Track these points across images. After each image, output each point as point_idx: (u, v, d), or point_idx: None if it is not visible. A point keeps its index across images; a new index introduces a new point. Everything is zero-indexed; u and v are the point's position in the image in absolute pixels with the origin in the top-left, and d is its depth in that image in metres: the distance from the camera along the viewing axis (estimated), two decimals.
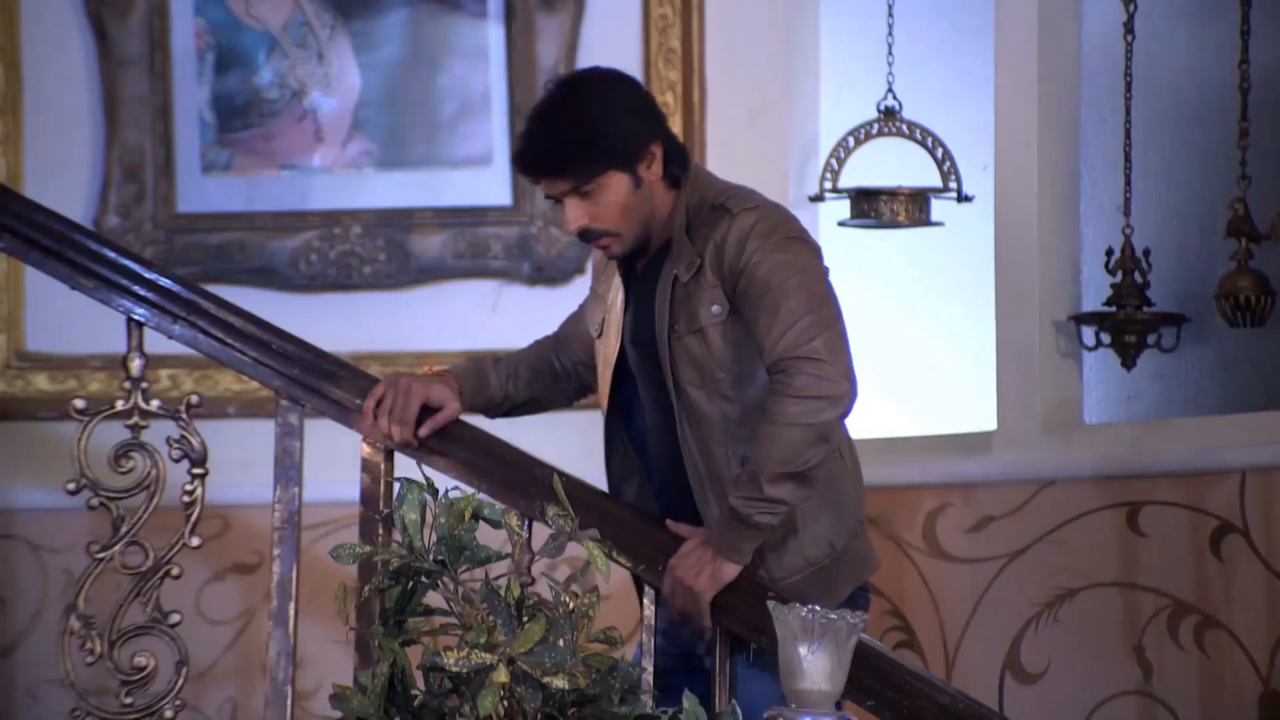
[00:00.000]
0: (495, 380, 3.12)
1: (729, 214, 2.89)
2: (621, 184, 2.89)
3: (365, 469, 3.08)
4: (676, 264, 2.92)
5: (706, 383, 2.92)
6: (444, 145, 4.40)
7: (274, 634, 3.04)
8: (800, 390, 2.84)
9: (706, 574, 2.92)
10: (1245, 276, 4.20)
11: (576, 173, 2.87)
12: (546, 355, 3.18)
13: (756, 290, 2.87)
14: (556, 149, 2.86)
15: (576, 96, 2.90)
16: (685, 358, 2.92)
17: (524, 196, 4.39)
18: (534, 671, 2.49)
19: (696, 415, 2.94)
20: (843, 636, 2.60)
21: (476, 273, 4.42)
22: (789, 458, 2.86)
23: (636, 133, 2.89)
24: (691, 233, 2.91)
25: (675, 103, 4.31)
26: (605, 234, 2.91)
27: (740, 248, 2.87)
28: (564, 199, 2.89)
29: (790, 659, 2.59)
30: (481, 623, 2.52)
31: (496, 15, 4.37)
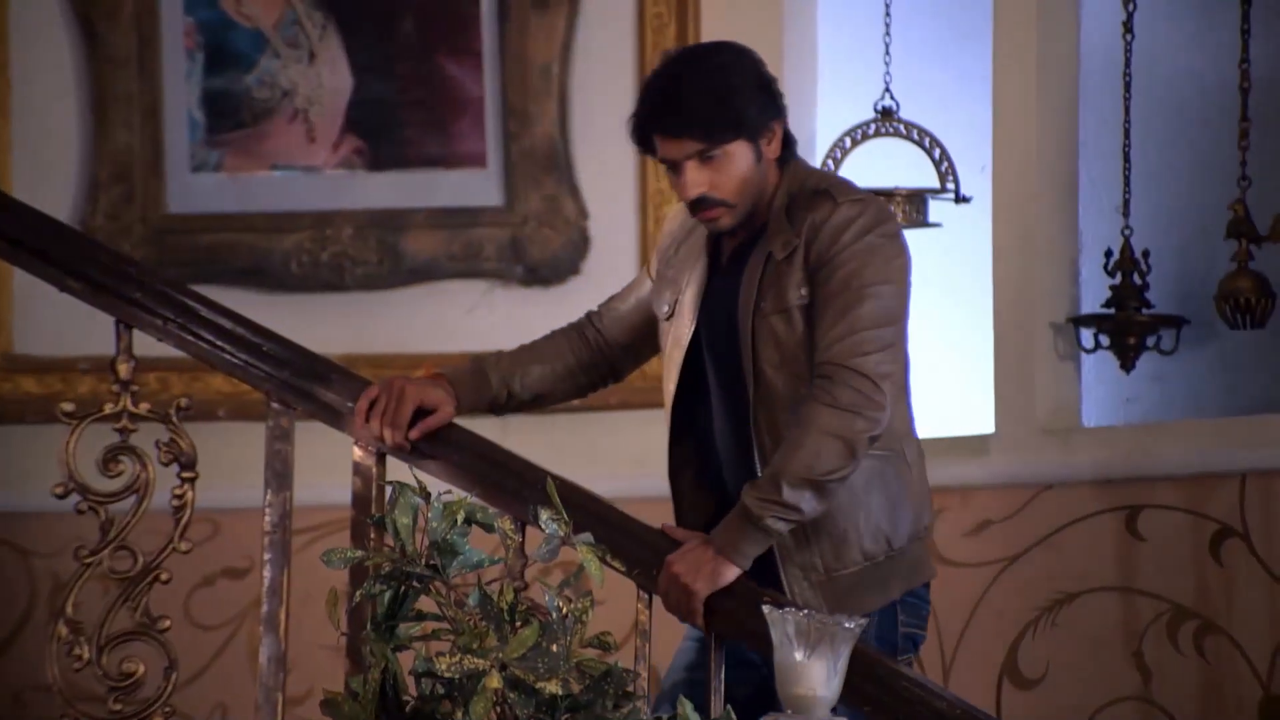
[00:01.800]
0: (496, 379, 3.09)
1: (832, 201, 2.88)
2: (746, 155, 2.88)
3: (357, 472, 3.05)
4: (772, 243, 2.90)
5: (785, 364, 2.90)
6: (436, 145, 4.37)
7: (264, 639, 3.02)
8: (841, 402, 2.83)
9: (705, 573, 2.89)
10: (1245, 278, 4.18)
11: (709, 136, 2.85)
12: (560, 348, 3.14)
13: (835, 285, 2.85)
14: (694, 109, 2.84)
15: (714, 62, 2.89)
16: (767, 337, 2.90)
17: (517, 197, 4.37)
18: (527, 677, 2.48)
19: (772, 397, 2.90)
20: (839, 642, 2.58)
21: (469, 274, 4.40)
22: (815, 465, 2.83)
23: (765, 108, 2.89)
24: (790, 216, 2.90)
25: None
26: (720, 205, 2.89)
27: (835, 237, 2.86)
28: (684, 164, 2.87)
29: (786, 664, 2.57)
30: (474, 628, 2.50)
31: (490, 15, 4.34)
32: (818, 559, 2.93)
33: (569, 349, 3.13)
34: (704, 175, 2.87)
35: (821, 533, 2.92)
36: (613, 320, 3.13)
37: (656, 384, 4.34)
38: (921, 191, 4.31)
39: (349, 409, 3.05)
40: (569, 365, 3.12)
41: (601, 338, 3.12)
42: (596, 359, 3.13)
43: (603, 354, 3.13)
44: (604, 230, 4.38)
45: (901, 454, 2.96)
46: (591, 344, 3.13)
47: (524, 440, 3.64)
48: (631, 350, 3.13)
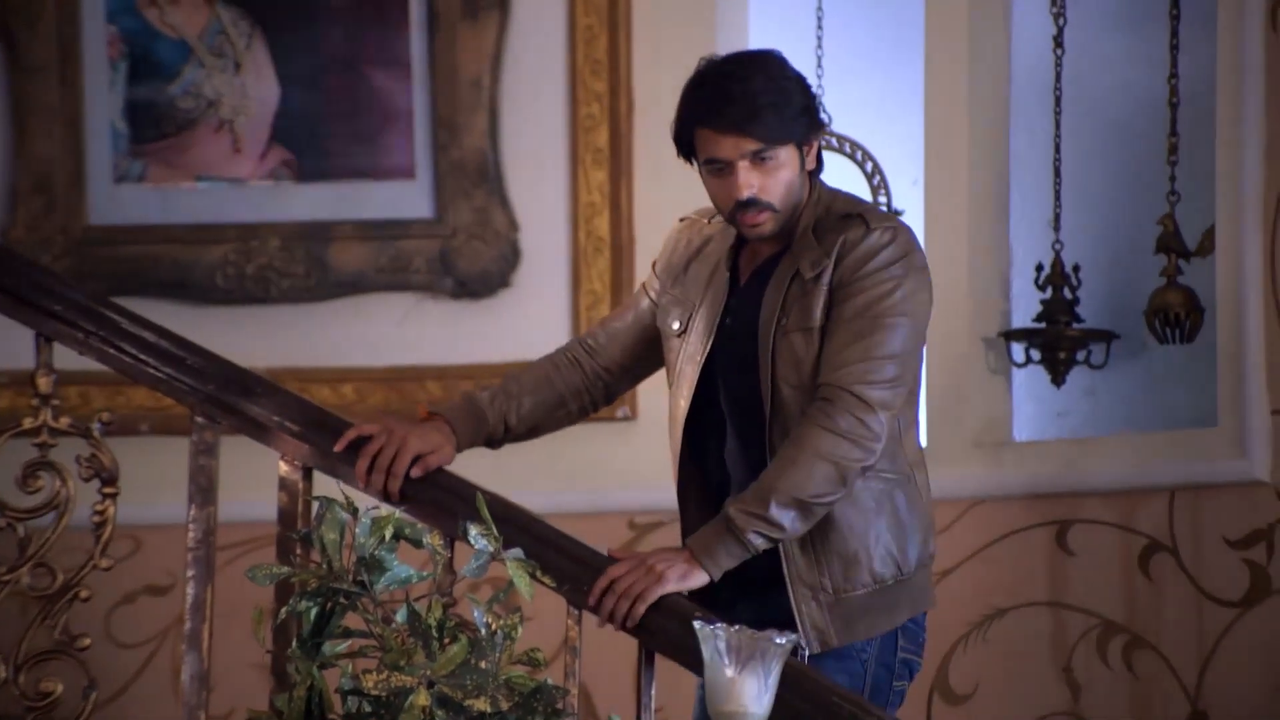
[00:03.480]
0: (492, 416, 3.04)
1: (865, 225, 2.87)
2: (794, 161, 2.87)
3: (283, 487, 3.01)
4: (800, 260, 2.88)
5: (804, 384, 2.87)
6: (365, 157, 4.34)
7: (187, 657, 2.97)
8: (839, 427, 2.81)
9: (676, 569, 2.84)
10: (1174, 293, 4.20)
11: (766, 135, 2.83)
12: (550, 377, 3.08)
13: (853, 309, 2.84)
14: (755, 108, 2.82)
15: (772, 65, 2.88)
16: (787, 355, 2.87)
17: (446, 209, 4.34)
18: (455, 695, 2.45)
19: (787, 417, 2.88)
20: (770, 658, 2.56)
21: (398, 286, 4.36)
22: (806, 487, 2.81)
23: (814, 117, 2.89)
24: (819, 236, 2.89)
25: (601, 114, 4.27)
26: (767, 208, 2.86)
27: (862, 261, 2.85)
28: (737, 164, 2.84)
29: (716, 680, 2.55)
30: (401, 645, 2.47)
31: (419, 25, 4.31)
32: (827, 580, 2.89)
33: (560, 377, 3.07)
34: (755, 177, 2.84)
35: (832, 553, 2.89)
36: (609, 341, 3.08)
37: None
38: None
39: (276, 423, 3.01)
40: (560, 394, 3.07)
41: (595, 361, 3.08)
42: (589, 383, 3.08)
43: (597, 377, 3.08)
44: (534, 243, 4.35)
45: (912, 478, 2.94)
46: (584, 369, 3.08)
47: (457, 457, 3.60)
48: (628, 371, 3.08)
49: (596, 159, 4.28)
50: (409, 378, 4.33)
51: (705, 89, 2.86)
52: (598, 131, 4.26)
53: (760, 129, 2.82)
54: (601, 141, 4.27)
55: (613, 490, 4.25)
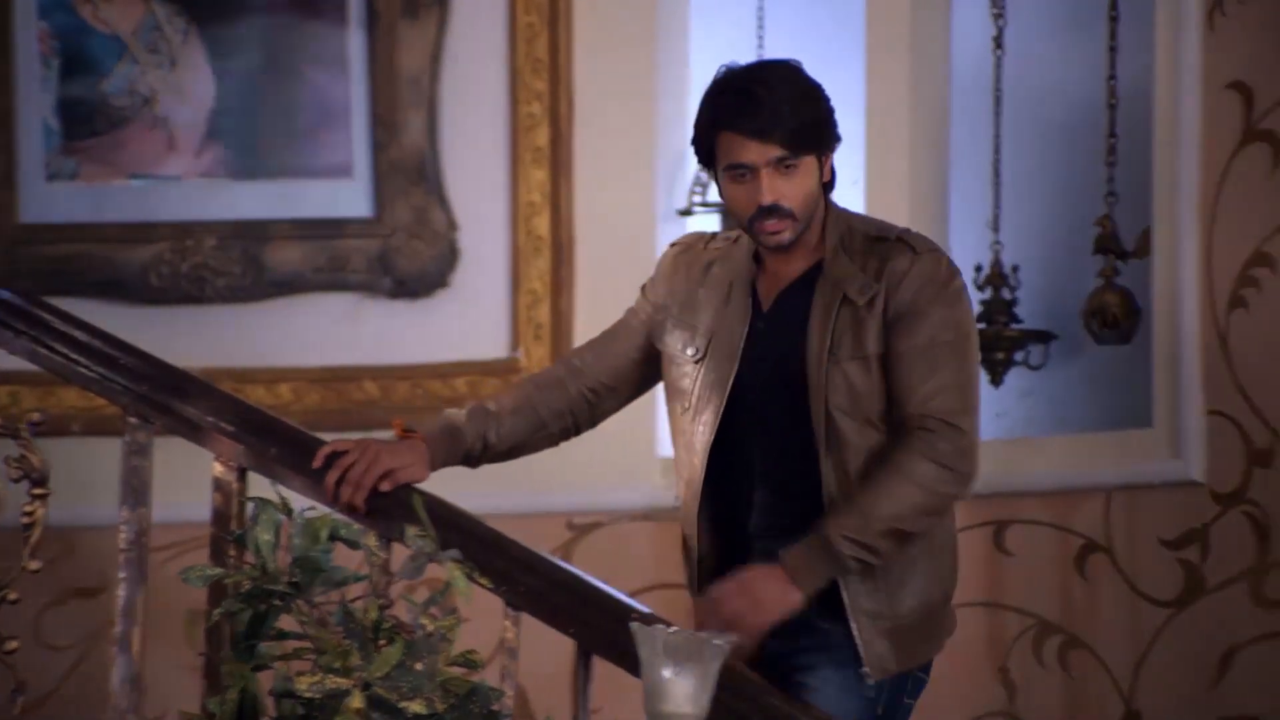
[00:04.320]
0: (469, 434, 3.01)
1: (911, 250, 2.87)
2: (814, 172, 2.86)
3: (217, 488, 2.99)
4: (843, 284, 2.87)
5: (857, 411, 2.86)
6: (302, 155, 4.30)
7: (118, 660, 2.95)
8: (942, 457, 2.82)
9: (776, 598, 2.83)
10: (1112, 294, 4.22)
11: (794, 142, 2.82)
12: (535, 398, 3.05)
13: (921, 338, 2.85)
14: (785, 114, 2.81)
15: (799, 74, 2.87)
16: (839, 383, 2.86)
17: (385, 208, 4.31)
18: (390, 697, 2.43)
19: (840, 444, 2.86)
20: (708, 659, 2.55)
21: (335, 286, 4.33)
22: (906, 516, 2.82)
23: (834, 130, 2.88)
24: (852, 258, 2.88)
25: (542, 113, 4.25)
26: (787, 217, 2.85)
27: (920, 289, 2.86)
28: (762, 170, 2.83)
29: (654, 681, 2.54)
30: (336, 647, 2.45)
31: (358, 22, 4.28)
32: (885, 607, 2.89)
33: (542, 398, 3.05)
34: (778, 184, 2.83)
35: (891, 580, 2.89)
36: (596, 363, 3.04)
37: None
38: None
39: (210, 424, 2.99)
40: (541, 415, 3.04)
41: (580, 383, 3.05)
42: (573, 405, 3.06)
43: (582, 399, 3.05)
44: (473, 242, 4.33)
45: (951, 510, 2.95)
46: (569, 390, 3.05)
47: None
48: (615, 393, 3.06)
49: (536, 158, 4.26)
50: (346, 378, 4.30)
51: (731, 93, 2.84)
52: (538, 131, 4.25)
53: (787, 136, 2.80)
54: (542, 141, 4.25)
55: (551, 491, 4.24)
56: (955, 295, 2.87)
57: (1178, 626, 4.09)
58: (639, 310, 3.05)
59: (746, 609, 2.84)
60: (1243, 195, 3.87)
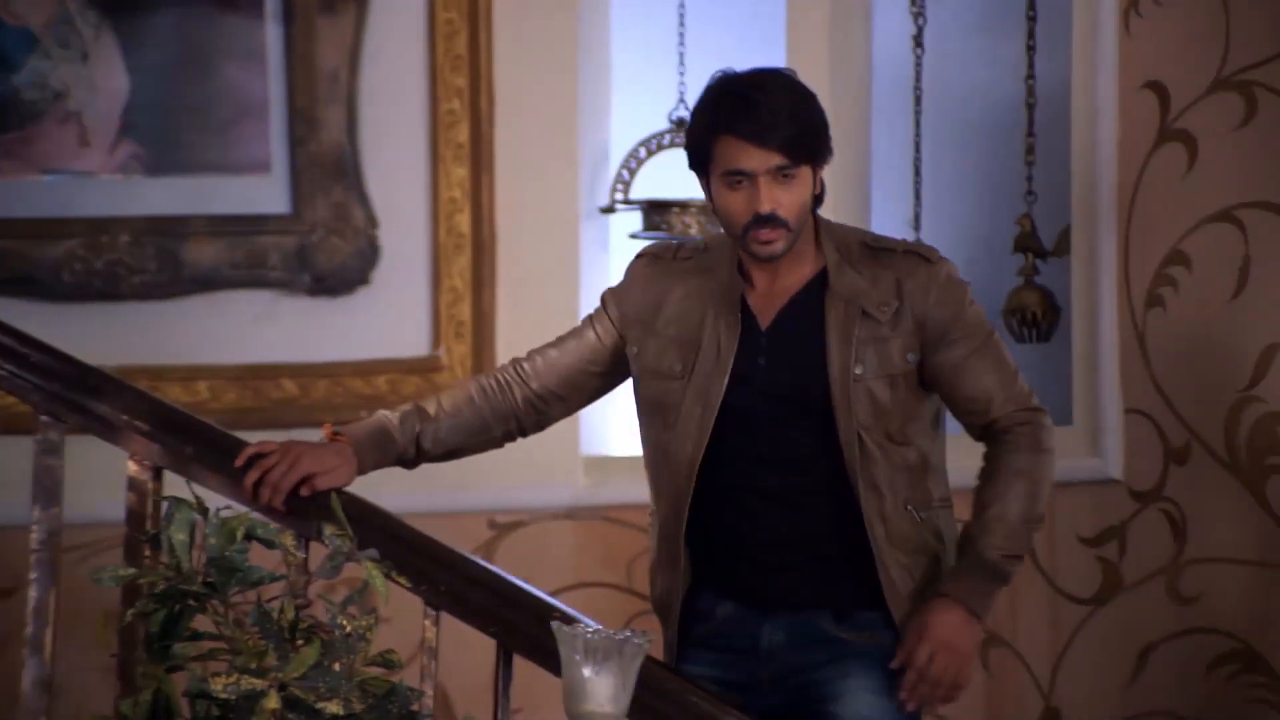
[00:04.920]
0: (401, 437, 2.97)
1: (924, 260, 2.89)
2: (808, 183, 2.85)
3: (132, 487, 2.95)
4: (861, 300, 2.85)
5: (879, 427, 2.86)
6: (219, 151, 4.25)
7: (29, 662, 2.91)
8: (1042, 444, 2.91)
9: (969, 637, 2.86)
10: (1031, 292, 4.24)
11: (795, 151, 2.80)
12: (475, 400, 3.01)
13: (970, 343, 2.90)
14: (787, 122, 2.80)
15: (799, 84, 2.86)
16: (867, 403, 2.85)
17: (303, 205, 4.26)
18: (307, 697, 2.41)
19: (869, 460, 2.85)
20: (628, 658, 2.54)
21: (253, 283, 4.28)
22: (1039, 510, 2.89)
23: (828, 144, 2.88)
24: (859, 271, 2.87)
25: (463, 109, 4.22)
26: (782, 226, 2.83)
27: (947, 298, 2.89)
28: (760, 177, 2.80)
29: (574, 680, 2.53)
30: (252, 647, 2.42)
31: (275, 16, 4.23)
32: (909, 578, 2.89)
33: (486, 401, 3.01)
34: (776, 192, 2.81)
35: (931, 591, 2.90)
36: (547, 370, 3.01)
37: None
38: None
39: (124, 422, 2.95)
40: (484, 417, 3.01)
41: (528, 388, 3.01)
42: (519, 409, 3.02)
43: (529, 404, 3.02)
44: (394, 239, 4.30)
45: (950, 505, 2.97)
46: (515, 395, 3.01)
47: None
48: (563, 400, 3.03)
49: (457, 155, 4.24)
50: (265, 376, 4.26)
51: (732, 99, 2.82)
52: (459, 127, 4.22)
53: (787, 143, 2.79)
54: (462, 138, 4.22)
55: (473, 490, 4.21)
56: (969, 289, 2.94)
57: (1096, 624, 4.11)
58: (600, 320, 3.00)
59: (953, 663, 2.84)
60: (1159, 195, 3.90)
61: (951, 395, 2.90)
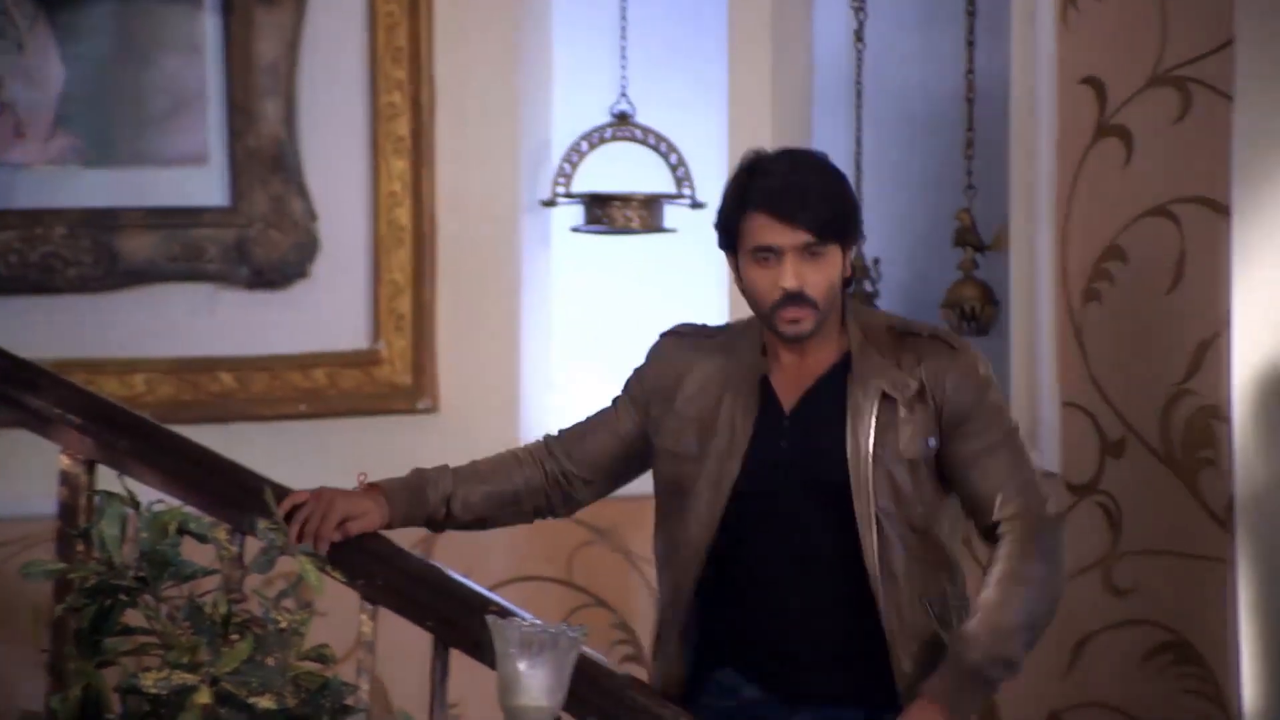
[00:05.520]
0: (435, 499, 2.95)
1: (948, 347, 2.86)
2: (837, 263, 2.83)
3: (64, 482, 2.92)
4: (882, 383, 2.82)
5: (900, 514, 2.81)
6: (156, 142, 4.21)
7: None
8: (1050, 553, 2.83)
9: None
10: (970, 286, 4.25)
11: (824, 230, 2.79)
12: (511, 473, 2.98)
13: (989, 437, 2.84)
14: (818, 200, 2.79)
15: (831, 165, 2.88)
16: (885, 485, 2.81)
17: (242, 197, 4.23)
18: (239, 692, 2.40)
19: (887, 547, 2.81)
20: (563, 651, 2.54)
21: (190, 276, 4.25)
22: (1037, 622, 2.82)
23: (859, 224, 2.87)
24: (883, 354, 2.84)
25: (403, 102, 4.20)
26: (810, 305, 2.81)
27: (969, 387, 2.84)
28: (788, 254, 2.79)
29: (509, 674, 2.53)
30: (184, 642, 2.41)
31: (213, 8, 4.20)
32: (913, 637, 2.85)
33: (521, 475, 2.98)
34: (803, 270, 2.79)
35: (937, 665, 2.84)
36: (580, 454, 2.98)
37: (388, 390, 4.27)
38: (657, 197, 4.29)
39: (58, 415, 2.92)
40: (517, 491, 2.98)
41: (560, 469, 2.98)
42: (550, 488, 2.99)
43: (559, 486, 2.99)
44: (334, 232, 4.27)
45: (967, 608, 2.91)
46: (548, 474, 2.99)
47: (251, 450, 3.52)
48: (594, 486, 3.00)
49: (397, 148, 4.21)
50: (202, 369, 4.23)
51: (763, 176, 2.83)
52: (399, 120, 4.20)
53: (817, 221, 2.79)
54: (403, 130, 4.20)
55: None
56: (996, 386, 2.88)
57: None
58: (623, 402, 2.97)
59: None
60: (1096, 189, 3.91)
61: (962, 491, 2.85)
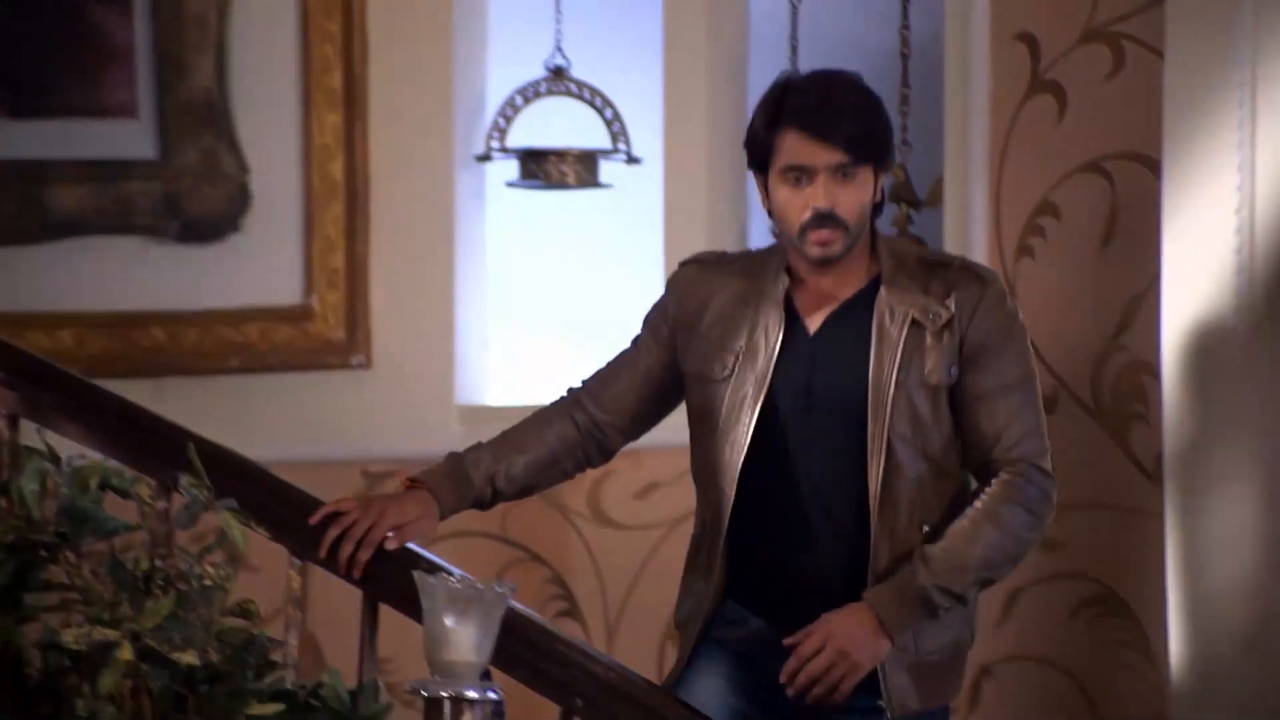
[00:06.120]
0: (478, 479, 2.91)
1: (979, 280, 2.83)
2: (869, 185, 2.80)
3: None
4: (911, 308, 2.79)
5: (915, 440, 2.79)
6: (85, 94, 4.16)
7: None
8: (1032, 503, 2.81)
9: (869, 649, 2.76)
10: (905, 243, 4.24)
11: (858, 149, 2.77)
12: (545, 435, 2.94)
13: (1001, 377, 2.81)
14: (853, 119, 2.76)
15: (865, 85, 2.85)
16: (904, 409, 2.78)
17: (172, 151, 4.19)
18: (161, 648, 2.38)
19: (897, 471, 2.78)
20: (490, 607, 2.54)
21: (120, 229, 4.20)
22: (997, 563, 2.79)
23: (892, 148, 2.85)
24: (913, 280, 2.81)
25: (335, 56, 4.16)
26: (841, 226, 2.78)
27: (994, 323, 2.82)
28: (820, 174, 2.76)
29: (436, 630, 2.52)
30: (105, 598, 2.39)
31: None
32: (912, 643, 2.82)
33: (554, 434, 2.95)
34: (835, 191, 2.77)
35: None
36: (609, 400, 2.95)
37: (321, 345, 4.25)
38: (593, 152, 4.27)
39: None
40: (555, 452, 2.95)
41: (593, 419, 2.95)
42: (586, 441, 2.96)
43: (594, 436, 2.96)
44: (266, 186, 4.23)
45: None
46: (581, 427, 2.96)
47: (183, 405, 3.50)
48: (633, 426, 2.97)
49: (330, 101, 4.17)
50: (133, 324, 4.19)
51: (796, 94, 2.80)
52: (331, 73, 4.16)
53: (850, 141, 2.76)
54: (335, 83, 4.16)
55: (345, 439, 4.17)
56: (1022, 328, 2.86)
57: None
58: (645, 339, 2.95)
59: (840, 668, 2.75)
60: (1030, 146, 3.91)
61: (966, 423, 2.82)
